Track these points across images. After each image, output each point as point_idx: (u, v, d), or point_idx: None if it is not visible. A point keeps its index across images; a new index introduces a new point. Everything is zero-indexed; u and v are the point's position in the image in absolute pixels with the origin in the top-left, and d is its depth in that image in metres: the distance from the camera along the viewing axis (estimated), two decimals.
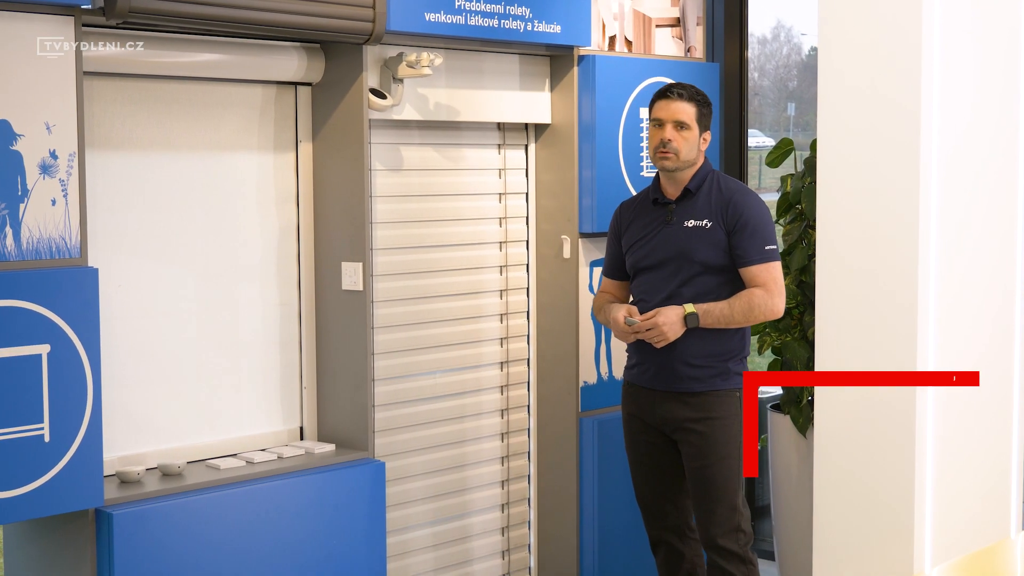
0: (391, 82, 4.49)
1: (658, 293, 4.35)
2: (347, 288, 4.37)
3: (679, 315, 4.27)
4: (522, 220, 5.12)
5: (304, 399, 4.50)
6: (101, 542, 3.69)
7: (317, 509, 4.14)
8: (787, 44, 9.02)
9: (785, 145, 5.47)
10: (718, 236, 4.31)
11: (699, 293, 4.31)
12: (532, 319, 5.14)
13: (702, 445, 4.33)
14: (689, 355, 4.31)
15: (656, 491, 4.49)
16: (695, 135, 4.36)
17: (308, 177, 4.47)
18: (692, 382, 4.33)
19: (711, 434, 4.32)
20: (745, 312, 4.28)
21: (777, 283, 4.31)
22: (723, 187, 4.38)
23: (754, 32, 6.38)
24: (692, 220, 4.35)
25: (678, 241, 4.34)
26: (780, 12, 7.35)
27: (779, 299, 4.31)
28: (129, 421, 4.08)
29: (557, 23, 4.79)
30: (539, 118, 5.03)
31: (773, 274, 4.31)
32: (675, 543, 4.51)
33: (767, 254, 4.31)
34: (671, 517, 4.50)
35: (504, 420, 5.11)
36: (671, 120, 4.35)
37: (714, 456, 4.32)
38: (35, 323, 3.51)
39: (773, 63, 9.60)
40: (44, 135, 3.56)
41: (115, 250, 4.03)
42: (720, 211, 4.33)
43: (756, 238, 4.30)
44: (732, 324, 4.29)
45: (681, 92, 4.39)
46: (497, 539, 5.13)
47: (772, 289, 4.29)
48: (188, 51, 4.07)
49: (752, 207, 4.34)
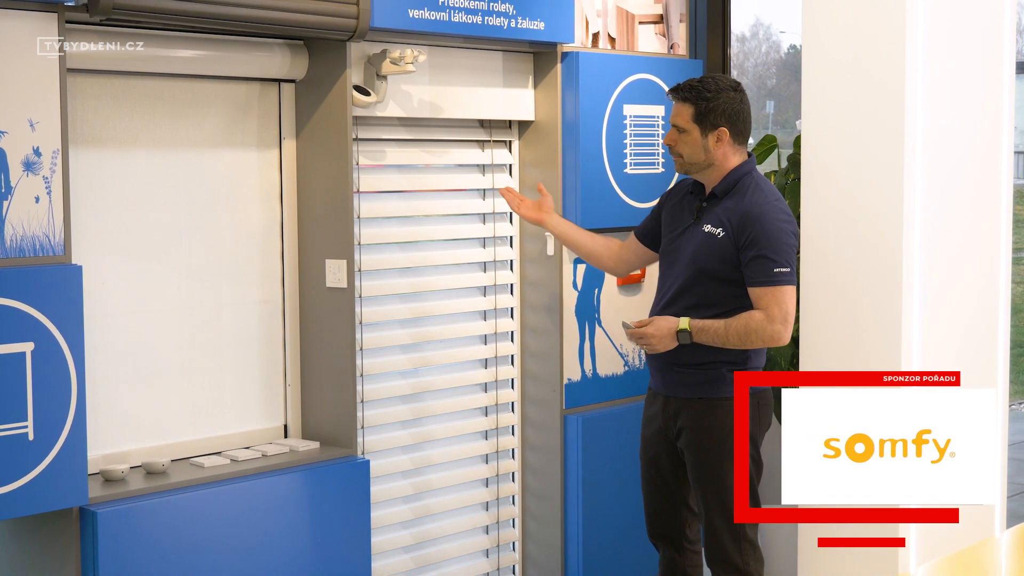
0: (375, 79, 4.47)
1: (666, 290, 4.25)
2: (331, 285, 4.35)
3: (671, 329, 4.13)
4: (506, 217, 5.12)
5: (288, 397, 4.48)
6: (85, 541, 3.67)
7: (301, 507, 4.13)
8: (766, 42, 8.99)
9: (768, 142, 5.48)
10: (727, 248, 4.11)
11: (702, 300, 4.16)
12: (517, 316, 5.13)
13: (700, 456, 4.18)
14: (684, 360, 4.18)
15: (655, 499, 4.38)
16: (695, 137, 4.17)
17: (292, 174, 4.45)
18: (688, 388, 4.20)
19: (707, 445, 4.17)
20: (741, 335, 4.06)
21: (781, 308, 4.04)
22: (749, 195, 4.13)
23: (733, 30, 6.39)
24: (710, 225, 4.16)
25: (693, 244, 4.18)
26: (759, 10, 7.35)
27: (780, 325, 4.04)
28: (113, 419, 4.06)
29: (540, 20, 4.78)
30: (523, 115, 5.02)
31: (778, 299, 4.04)
32: (671, 553, 4.41)
33: (774, 277, 4.04)
34: (667, 526, 4.38)
35: (489, 418, 5.10)
36: (672, 123, 4.23)
37: (710, 465, 4.16)
38: (19, 321, 3.49)
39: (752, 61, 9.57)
40: (28, 132, 3.54)
41: (99, 248, 4.01)
42: (737, 223, 4.10)
43: (764, 259, 4.04)
44: (728, 345, 4.09)
45: (678, 92, 4.23)
46: (482, 538, 5.12)
47: (773, 314, 4.04)
48: (172, 48, 4.05)
49: (767, 224, 4.06)
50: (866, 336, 4.36)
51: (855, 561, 4.37)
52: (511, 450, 5.18)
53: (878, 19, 4.28)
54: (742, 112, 4.19)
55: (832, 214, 4.42)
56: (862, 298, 4.36)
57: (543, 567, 5.12)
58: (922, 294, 4.30)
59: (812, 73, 4.47)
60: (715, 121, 4.16)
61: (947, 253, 4.40)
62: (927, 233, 4.30)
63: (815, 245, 4.48)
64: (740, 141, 4.21)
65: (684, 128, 4.19)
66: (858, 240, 4.34)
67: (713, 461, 4.17)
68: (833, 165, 4.43)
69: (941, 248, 4.36)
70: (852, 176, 4.38)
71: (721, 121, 4.16)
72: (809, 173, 4.49)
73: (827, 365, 4.43)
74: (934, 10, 4.28)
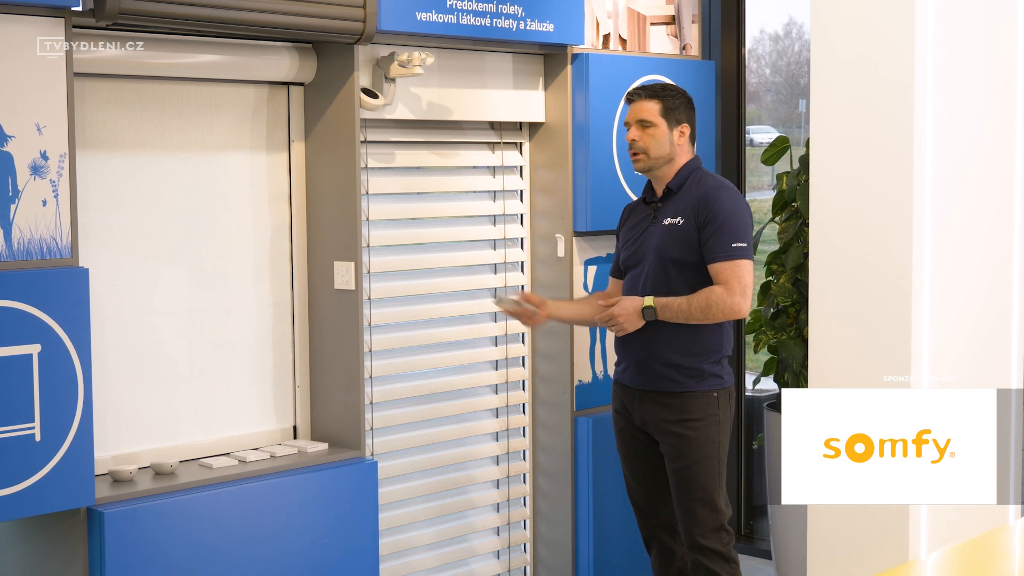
0: (383, 82, 4.50)
1: (635, 291, 4.37)
2: (339, 287, 4.38)
3: (636, 307, 4.26)
4: (517, 219, 5.14)
5: (297, 398, 4.52)
6: (93, 541, 3.71)
7: (309, 508, 4.16)
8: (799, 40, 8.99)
9: (781, 143, 5.47)
10: (690, 232, 4.26)
11: (672, 293, 4.28)
12: None
13: (680, 446, 4.30)
14: (663, 354, 4.30)
15: (645, 489, 4.49)
16: (662, 130, 4.33)
17: (301, 177, 4.49)
18: (666, 382, 4.31)
19: (688, 435, 4.29)
20: (703, 309, 4.21)
21: (740, 281, 4.21)
22: (702, 183, 4.32)
23: (766, 29, 6.40)
24: (669, 218, 4.32)
25: (655, 239, 4.33)
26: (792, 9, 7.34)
27: (739, 298, 4.20)
28: (124, 420, 4.11)
29: (550, 22, 4.80)
30: (533, 117, 5.04)
31: (737, 272, 4.21)
32: (666, 540, 4.50)
33: (733, 251, 4.22)
34: (661, 515, 4.49)
35: (500, 420, 5.12)
36: (634, 120, 4.36)
37: (692, 458, 4.29)
38: (26, 323, 3.53)
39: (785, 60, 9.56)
40: (35, 136, 3.58)
41: (109, 250, 4.05)
42: (694, 207, 4.27)
43: (723, 235, 4.22)
44: (691, 320, 4.23)
45: (641, 92, 4.39)
46: (493, 539, 5.14)
47: (733, 287, 4.20)
48: (180, 52, 4.08)
49: (725, 203, 4.26)
50: (876, 340, 4.35)
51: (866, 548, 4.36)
52: (522, 451, 5.19)
53: (887, 16, 4.26)
54: (694, 114, 4.44)
55: (840, 216, 4.41)
56: (872, 301, 4.35)
57: (554, 568, 5.14)
58: (932, 297, 4.29)
59: (820, 73, 4.46)
60: (679, 117, 4.37)
61: (958, 256, 4.38)
62: (937, 236, 4.28)
63: (823, 248, 4.48)
64: (693, 140, 4.43)
65: (652, 122, 4.34)
66: (867, 244, 4.33)
67: (694, 453, 4.28)
68: (841, 167, 4.42)
69: (952, 251, 4.34)
70: (861, 178, 4.36)
71: (684, 117, 4.38)
72: (817, 175, 4.49)
73: (837, 370, 4.43)
74: (944, 6, 4.25)
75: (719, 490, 4.31)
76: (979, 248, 4.47)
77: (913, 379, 4.23)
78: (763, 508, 5.96)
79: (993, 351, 4.46)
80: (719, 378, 4.32)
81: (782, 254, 5.29)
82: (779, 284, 5.26)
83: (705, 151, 5.37)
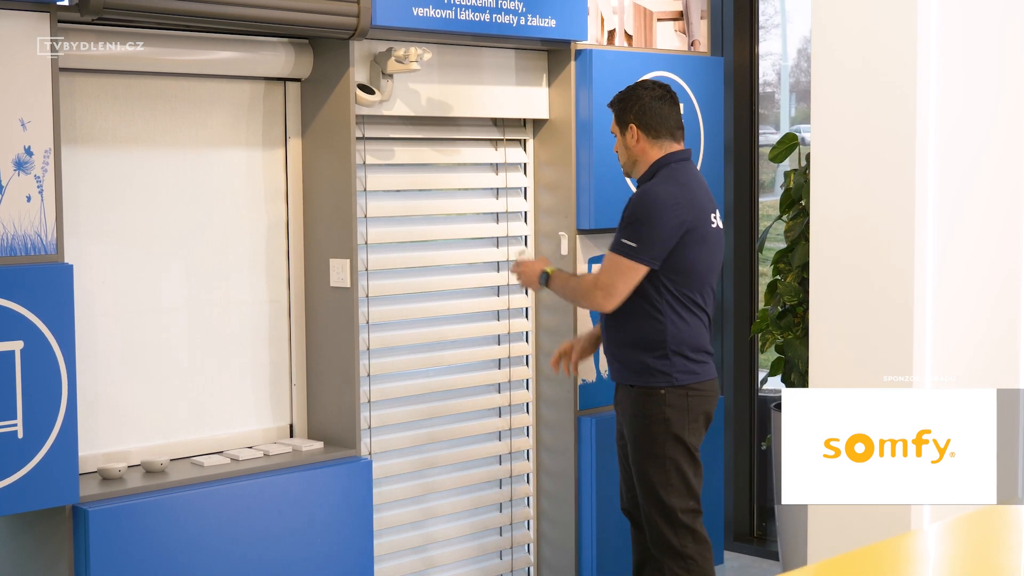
0: (381, 78, 4.45)
1: None
2: (335, 285, 4.33)
3: (537, 269, 4.32)
4: (520, 216, 5.08)
5: (294, 396, 4.47)
6: (78, 539, 3.67)
7: (302, 507, 4.11)
8: None
9: (789, 140, 5.39)
10: None
11: None
12: (531, 317, 5.09)
13: (630, 444, 4.25)
14: (609, 345, 4.30)
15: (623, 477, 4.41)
16: (620, 139, 4.32)
17: (297, 173, 4.44)
18: (618, 375, 4.29)
19: (633, 433, 4.22)
20: (575, 291, 4.25)
21: (608, 275, 4.12)
22: (649, 181, 4.25)
23: (799, 30, 6.32)
24: None
25: None
26: None
27: (599, 291, 4.12)
28: (116, 418, 4.07)
29: (552, 17, 4.74)
30: (537, 113, 4.98)
31: (607, 266, 4.14)
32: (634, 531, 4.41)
33: (620, 246, 4.12)
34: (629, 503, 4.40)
35: (503, 419, 5.06)
36: None
37: (637, 456, 4.21)
38: (8, 319, 3.49)
39: None
40: (19, 132, 3.54)
41: (101, 247, 4.02)
42: None
43: (621, 229, 4.15)
44: (566, 298, 4.32)
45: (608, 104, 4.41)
46: (496, 539, 5.08)
47: (599, 279, 4.14)
48: (173, 47, 4.04)
49: (639, 202, 4.15)
50: (876, 340, 4.29)
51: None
52: (526, 451, 5.13)
53: (889, 23, 4.20)
54: (651, 108, 4.27)
55: (841, 216, 4.35)
56: (872, 301, 4.29)
57: (557, 568, 5.08)
58: (933, 298, 4.23)
59: (822, 79, 4.39)
60: (625, 119, 4.30)
61: (961, 261, 4.32)
62: (938, 236, 4.22)
63: (824, 248, 4.42)
64: (653, 135, 4.28)
65: (613, 133, 4.37)
66: (868, 244, 4.28)
67: (643, 448, 4.21)
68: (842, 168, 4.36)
69: (953, 251, 4.28)
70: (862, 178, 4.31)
71: (629, 118, 4.28)
72: (819, 178, 4.43)
73: (837, 370, 4.38)
74: (947, 11, 4.19)
75: (673, 487, 4.18)
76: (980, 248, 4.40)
77: (914, 379, 4.17)
78: (771, 510, 5.88)
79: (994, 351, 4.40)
80: (666, 375, 4.17)
81: (788, 253, 5.21)
82: (785, 283, 5.18)
83: (714, 150, 5.30)
